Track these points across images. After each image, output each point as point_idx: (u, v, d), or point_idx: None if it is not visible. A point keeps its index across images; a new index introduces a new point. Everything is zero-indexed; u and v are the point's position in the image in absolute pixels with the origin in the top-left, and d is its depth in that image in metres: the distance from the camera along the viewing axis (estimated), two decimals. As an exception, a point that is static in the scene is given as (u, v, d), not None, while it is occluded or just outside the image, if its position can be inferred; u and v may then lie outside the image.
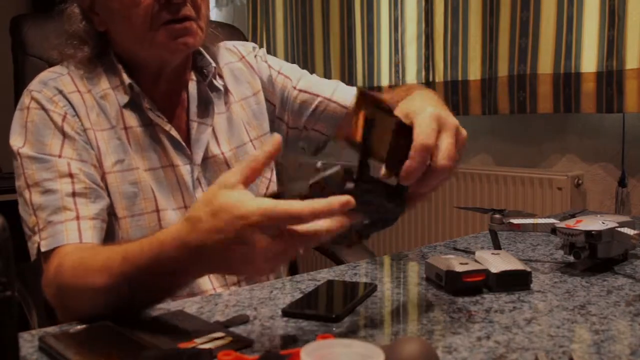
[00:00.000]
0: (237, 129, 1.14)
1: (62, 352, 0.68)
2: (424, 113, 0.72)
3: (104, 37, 1.05)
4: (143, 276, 0.75)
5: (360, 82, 2.61)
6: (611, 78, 1.86)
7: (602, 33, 1.89)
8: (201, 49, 1.11)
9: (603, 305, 0.82)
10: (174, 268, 0.71)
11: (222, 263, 0.69)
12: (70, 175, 0.96)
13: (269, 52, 3.10)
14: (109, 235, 0.99)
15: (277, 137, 0.69)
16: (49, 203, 0.94)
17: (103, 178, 1.00)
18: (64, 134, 0.99)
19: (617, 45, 1.84)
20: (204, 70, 1.11)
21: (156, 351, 0.67)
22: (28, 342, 0.73)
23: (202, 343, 0.69)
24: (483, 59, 2.20)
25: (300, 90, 1.19)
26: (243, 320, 0.78)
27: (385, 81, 2.53)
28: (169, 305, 0.86)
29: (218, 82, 1.13)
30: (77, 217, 0.94)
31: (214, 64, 1.11)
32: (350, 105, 1.15)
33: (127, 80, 1.03)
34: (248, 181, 0.67)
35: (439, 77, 2.33)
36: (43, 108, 1.00)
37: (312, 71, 2.87)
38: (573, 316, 0.78)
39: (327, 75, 2.75)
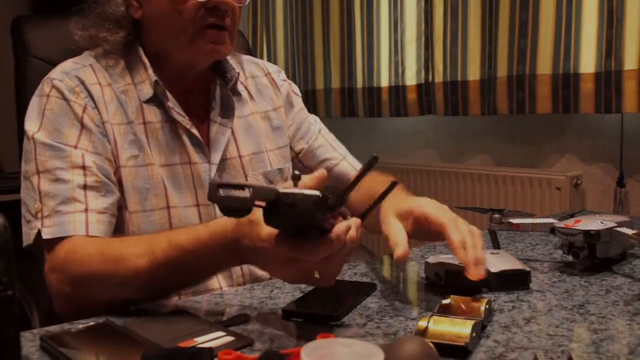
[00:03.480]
0: (255, 137, 1.15)
1: (63, 352, 0.68)
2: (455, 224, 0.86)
3: (137, 26, 1.07)
4: (186, 259, 0.82)
5: (360, 83, 2.62)
6: (610, 79, 1.87)
7: (600, 34, 1.89)
8: None
9: (602, 305, 0.82)
10: (215, 254, 0.81)
11: (253, 261, 0.79)
12: (83, 167, 0.97)
13: (269, 52, 3.10)
14: (119, 229, 1.00)
15: (322, 172, 0.76)
16: (58, 192, 0.95)
17: (117, 171, 1.01)
18: (83, 125, 0.99)
19: (616, 46, 1.84)
20: (227, 75, 1.13)
21: (157, 350, 0.67)
22: (29, 342, 0.73)
23: (202, 342, 0.70)
24: (482, 59, 2.20)
25: (323, 137, 1.25)
26: (243, 319, 0.79)
27: (385, 82, 2.54)
28: (169, 305, 0.87)
29: (241, 88, 1.15)
30: (86, 210, 0.94)
31: (237, 70, 1.13)
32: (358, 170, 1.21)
33: (153, 76, 1.04)
34: None
35: (439, 77, 2.34)
36: (64, 98, 1.00)
37: (312, 71, 2.89)
38: (572, 315, 0.79)
39: (327, 75, 2.75)
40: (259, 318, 0.80)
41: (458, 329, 0.69)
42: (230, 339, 0.71)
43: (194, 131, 1.06)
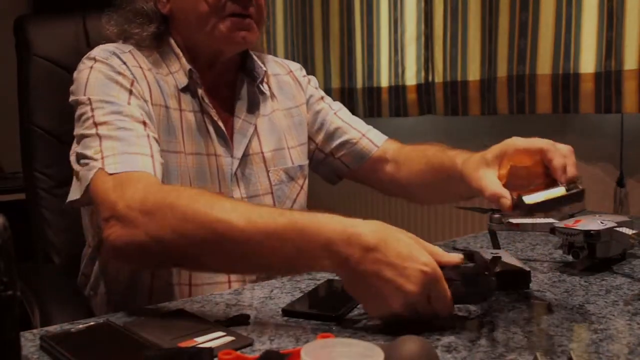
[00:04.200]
0: (277, 134, 1.17)
1: (63, 352, 0.68)
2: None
3: (166, 20, 1.09)
4: (286, 236, 0.74)
5: (360, 82, 2.62)
6: (610, 79, 1.87)
7: (600, 34, 1.89)
8: (252, 53, 1.15)
9: (602, 305, 0.82)
10: (318, 245, 0.73)
11: (359, 279, 0.73)
12: (144, 123, 0.96)
13: (268, 52, 3.10)
14: None
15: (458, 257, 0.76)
16: (122, 137, 0.92)
17: None
18: (131, 92, 0.99)
19: (616, 46, 1.84)
20: (254, 73, 1.15)
21: (157, 350, 0.67)
22: (30, 342, 0.73)
23: (202, 342, 0.70)
24: (482, 59, 2.20)
25: (339, 117, 1.25)
26: (243, 319, 0.79)
27: (385, 82, 2.54)
28: (169, 305, 0.87)
29: (264, 87, 1.17)
30: (152, 155, 0.93)
31: (264, 68, 1.15)
32: (380, 145, 1.22)
33: (187, 65, 1.07)
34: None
35: (439, 77, 2.34)
36: (112, 69, 1.00)
37: (312, 71, 2.88)
38: (572, 315, 0.79)
39: (326, 75, 2.75)
40: (259, 318, 0.80)
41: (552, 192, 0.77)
42: (230, 339, 0.71)
43: (220, 124, 1.08)
